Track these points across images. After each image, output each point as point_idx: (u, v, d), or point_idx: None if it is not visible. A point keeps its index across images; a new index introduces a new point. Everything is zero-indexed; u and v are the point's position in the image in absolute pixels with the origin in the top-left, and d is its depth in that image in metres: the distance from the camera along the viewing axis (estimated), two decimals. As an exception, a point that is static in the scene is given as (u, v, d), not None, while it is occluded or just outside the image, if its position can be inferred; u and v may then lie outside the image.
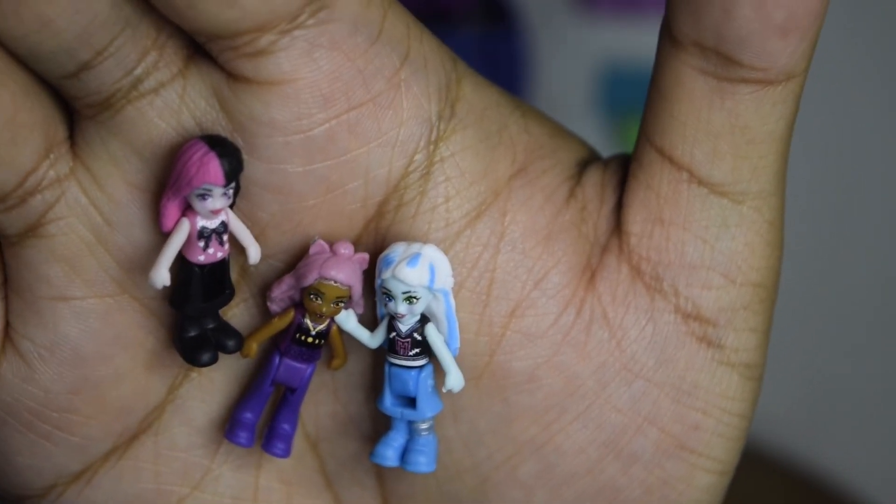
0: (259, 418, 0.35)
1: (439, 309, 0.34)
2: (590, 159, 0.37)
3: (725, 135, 0.34)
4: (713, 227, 0.35)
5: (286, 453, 0.35)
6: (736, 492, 0.88)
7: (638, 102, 0.36)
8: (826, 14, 0.33)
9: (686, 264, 0.35)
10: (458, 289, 0.35)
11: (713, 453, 0.36)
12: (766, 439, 0.91)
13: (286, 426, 0.35)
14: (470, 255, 0.35)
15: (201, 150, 0.32)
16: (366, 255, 0.34)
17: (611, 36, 0.87)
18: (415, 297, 0.34)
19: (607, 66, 0.88)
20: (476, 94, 0.35)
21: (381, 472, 0.37)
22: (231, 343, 0.34)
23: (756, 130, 0.34)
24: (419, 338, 0.34)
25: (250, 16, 0.31)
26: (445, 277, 0.34)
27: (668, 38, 0.34)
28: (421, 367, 0.35)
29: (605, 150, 0.38)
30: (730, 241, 0.35)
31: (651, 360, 0.35)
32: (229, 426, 0.35)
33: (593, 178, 0.36)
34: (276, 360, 0.35)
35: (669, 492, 0.36)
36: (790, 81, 0.34)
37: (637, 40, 0.88)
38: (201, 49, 0.33)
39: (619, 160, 0.37)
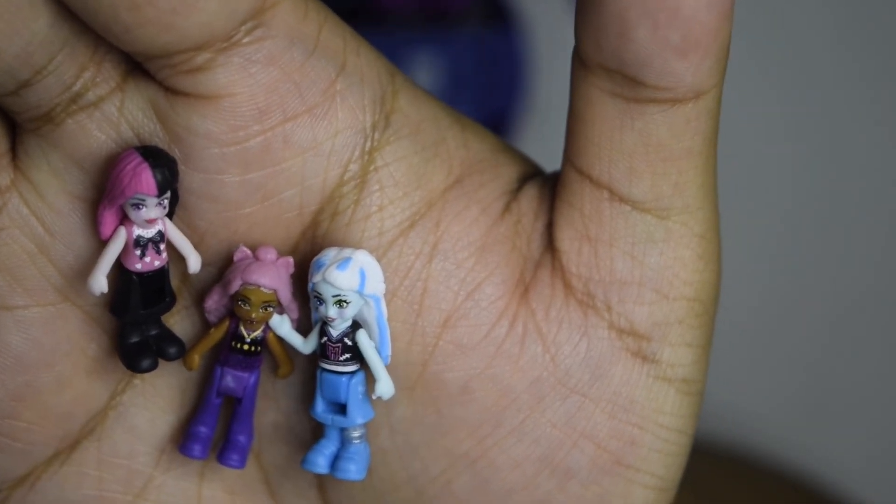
0: (213, 431, 0.36)
1: (370, 315, 0.35)
2: (532, 175, 0.37)
3: (639, 154, 0.34)
4: (640, 243, 0.35)
5: (242, 464, 0.36)
6: (731, 495, 0.88)
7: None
8: (730, 30, 0.33)
9: (617, 280, 0.35)
10: (390, 297, 0.35)
11: (651, 468, 0.36)
12: (759, 442, 0.91)
13: (241, 437, 0.36)
14: (402, 263, 0.35)
15: (135, 160, 0.33)
16: (290, 259, 0.35)
17: (609, 36, 0.87)
18: (345, 301, 0.34)
19: (605, 66, 0.88)
20: (412, 107, 0.35)
21: (321, 483, 0.37)
22: (172, 350, 0.35)
23: (671, 148, 0.34)
24: (350, 343, 0.35)
25: (188, 38, 0.32)
26: (376, 283, 0.34)
27: (577, 61, 0.34)
28: (352, 373, 0.35)
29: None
30: (658, 256, 0.35)
31: (586, 376, 0.35)
32: (183, 439, 0.36)
33: (530, 192, 0.36)
34: (218, 371, 0.35)
35: None
36: (701, 98, 0.34)
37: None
38: (139, 64, 0.33)
39: (558, 176, 0.37)
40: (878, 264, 0.90)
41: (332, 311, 0.34)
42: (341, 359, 0.35)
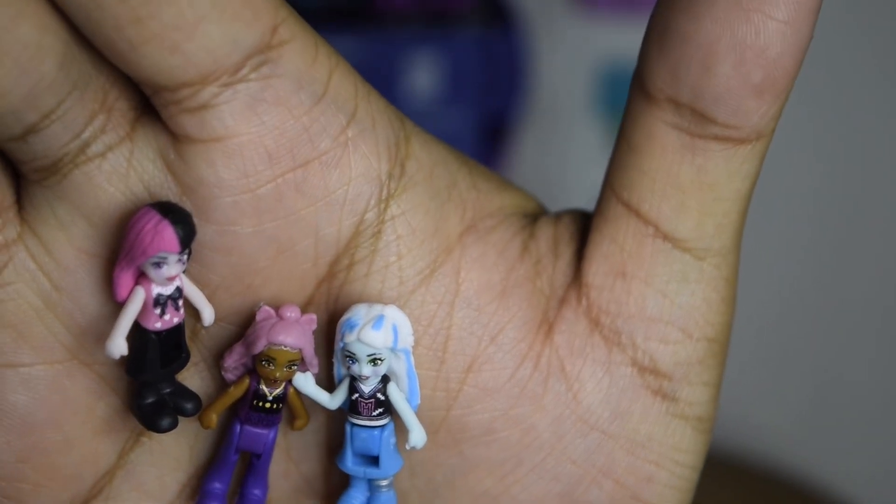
0: (228, 487, 0.35)
1: (400, 367, 0.34)
2: (536, 212, 0.37)
3: (693, 191, 0.34)
4: (674, 281, 0.35)
5: None
6: (727, 500, 0.88)
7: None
8: (797, 75, 0.34)
9: (646, 318, 0.35)
10: (414, 345, 0.35)
11: None
12: (760, 449, 0.91)
13: (257, 492, 0.35)
14: (425, 312, 0.35)
15: (154, 218, 0.32)
16: (313, 316, 0.34)
17: (611, 36, 0.87)
18: (380, 359, 0.34)
19: (607, 66, 0.87)
20: (425, 152, 0.35)
21: None
22: (189, 406, 0.34)
23: (723, 188, 0.34)
24: (382, 398, 0.34)
25: (193, 64, 0.31)
26: (407, 336, 0.34)
27: (641, 92, 0.34)
28: (384, 426, 0.35)
29: (605, 149, 0.38)
30: (689, 296, 0.35)
31: (607, 413, 0.35)
32: (199, 498, 0.35)
33: (546, 232, 0.36)
34: (238, 428, 0.35)
35: None
36: (759, 141, 0.34)
37: (637, 40, 0.87)
38: (147, 112, 0.33)
39: (571, 214, 0.37)
40: (879, 272, 0.90)
41: (367, 370, 0.34)
42: (374, 414, 0.35)
